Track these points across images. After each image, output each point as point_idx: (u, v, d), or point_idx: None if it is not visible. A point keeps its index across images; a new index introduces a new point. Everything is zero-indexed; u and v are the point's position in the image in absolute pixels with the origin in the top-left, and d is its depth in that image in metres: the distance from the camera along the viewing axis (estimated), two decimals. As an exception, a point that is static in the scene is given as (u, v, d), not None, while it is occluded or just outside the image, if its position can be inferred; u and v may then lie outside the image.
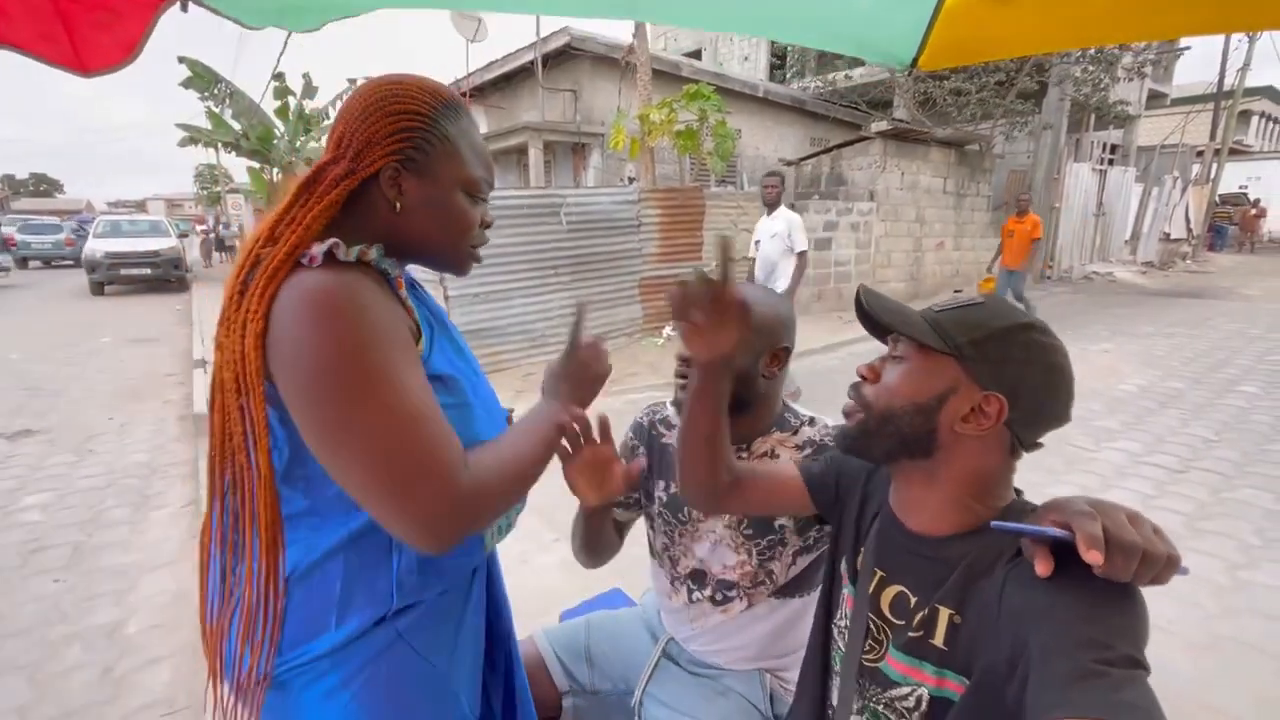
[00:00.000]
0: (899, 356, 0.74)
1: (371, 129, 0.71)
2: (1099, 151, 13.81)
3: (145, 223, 13.82)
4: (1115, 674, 0.51)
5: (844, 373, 5.85)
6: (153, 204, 47.25)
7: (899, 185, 9.20)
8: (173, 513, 3.24)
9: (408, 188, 0.73)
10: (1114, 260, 14.14)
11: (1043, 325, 0.70)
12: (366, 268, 0.70)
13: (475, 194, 0.78)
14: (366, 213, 0.73)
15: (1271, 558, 2.68)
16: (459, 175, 0.75)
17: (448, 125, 0.74)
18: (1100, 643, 0.53)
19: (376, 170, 0.71)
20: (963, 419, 0.69)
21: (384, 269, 0.73)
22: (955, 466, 0.71)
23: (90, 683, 2.05)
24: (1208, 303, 9.83)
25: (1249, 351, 6.44)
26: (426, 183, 0.74)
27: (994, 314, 0.70)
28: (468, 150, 0.76)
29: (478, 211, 0.79)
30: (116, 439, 4.31)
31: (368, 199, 0.72)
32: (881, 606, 0.76)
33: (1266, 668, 2.04)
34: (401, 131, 0.71)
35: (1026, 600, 0.60)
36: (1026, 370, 0.68)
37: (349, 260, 0.67)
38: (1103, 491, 3.27)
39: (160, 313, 9.75)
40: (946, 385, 0.69)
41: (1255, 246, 19.66)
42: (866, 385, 0.76)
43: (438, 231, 0.76)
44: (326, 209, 0.69)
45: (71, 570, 2.70)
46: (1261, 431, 4.17)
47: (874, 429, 0.74)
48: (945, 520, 0.72)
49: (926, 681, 0.70)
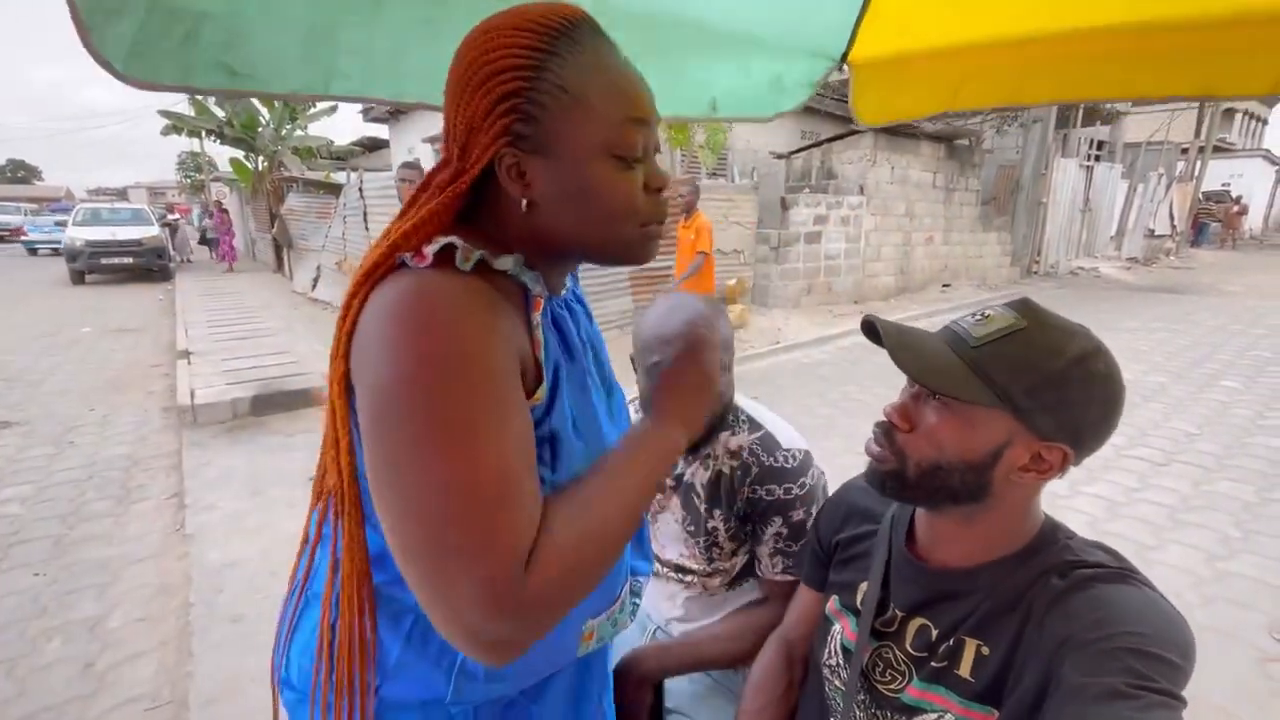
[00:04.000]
0: (938, 402, 0.65)
1: (471, 109, 0.54)
2: (1086, 148, 13.91)
3: (127, 211, 13.55)
4: (1147, 698, 0.49)
5: (833, 365, 5.88)
6: (134, 192, 46.51)
7: (889, 179, 9.23)
8: (156, 505, 3.20)
9: (533, 175, 0.55)
10: (1099, 256, 14.29)
11: (1094, 346, 0.63)
12: (498, 278, 0.57)
13: (627, 154, 0.56)
14: (499, 217, 0.59)
15: (1249, 549, 2.73)
16: (595, 136, 0.55)
17: (564, 67, 0.53)
18: (1140, 674, 0.51)
19: (489, 164, 0.55)
20: (1021, 469, 0.63)
21: (523, 281, 0.59)
22: (1002, 508, 0.67)
23: (71, 677, 2.02)
24: (1190, 298, 9.96)
25: (1230, 347, 6.53)
26: (553, 161, 0.55)
27: (1044, 348, 0.62)
28: (602, 94, 0.55)
29: (636, 176, 0.58)
30: (97, 430, 4.24)
31: (495, 200, 0.58)
32: (905, 643, 0.73)
33: (1244, 656, 2.08)
34: (502, 101, 0.53)
35: (1071, 630, 0.57)
36: (1089, 411, 0.61)
37: (466, 267, 0.54)
38: (1088, 484, 3.32)
39: (143, 302, 9.59)
40: (1001, 440, 0.62)
41: (1237, 243, 19.98)
42: (899, 433, 0.68)
43: (585, 222, 0.57)
44: (430, 221, 0.55)
45: (52, 563, 2.66)
46: (1241, 425, 4.24)
47: (913, 481, 0.67)
48: (977, 553, 0.69)
49: (952, 709, 0.67)
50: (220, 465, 3.63)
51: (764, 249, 8.15)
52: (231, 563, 2.62)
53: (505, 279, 0.58)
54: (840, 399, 4.88)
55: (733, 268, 7.89)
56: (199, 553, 2.71)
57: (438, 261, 0.54)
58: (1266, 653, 2.10)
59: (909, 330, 0.69)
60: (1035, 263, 12.29)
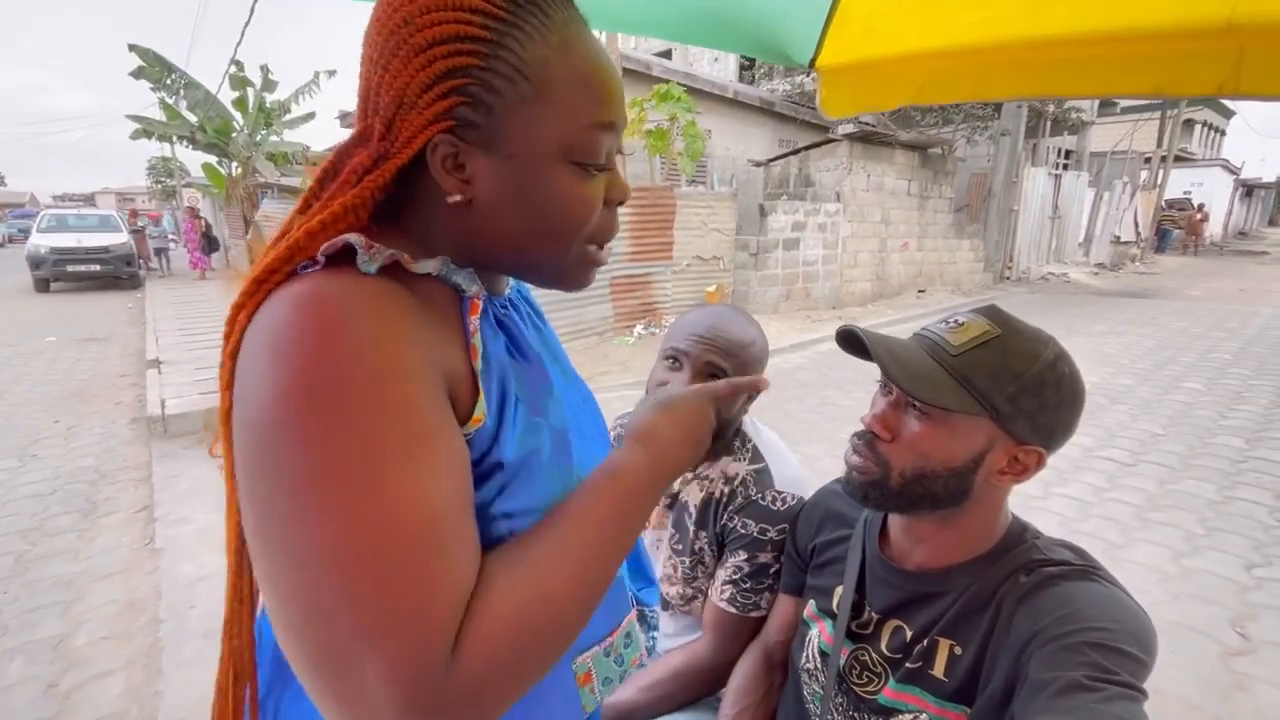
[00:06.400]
0: (921, 411, 0.66)
1: (402, 78, 0.43)
2: (1054, 157, 14.32)
3: (94, 217, 13.21)
4: (1109, 690, 0.50)
5: (812, 370, 5.93)
6: (102, 198, 45.33)
7: (865, 187, 9.38)
8: (124, 519, 3.11)
9: (474, 171, 0.45)
10: (1069, 262, 14.67)
11: (1059, 350, 0.66)
12: (419, 282, 0.46)
13: (592, 161, 0.47)
14: (421, 211, 0.48)
15: (1213, 545, 2.81)
16: (556, 136, 0.45)
17: (526, 46, 0.43)
18: (1103, 667, 0.53)
19: (419, 150, 0.44)
20: (999, 472, 0.65)
21: (455, 283, 0.48)
22: (978, 510, 0.69)
23: (34, 699, 1.95)
24: (1155, 302, 10.27)
25: (1193, 349, 6.74)
26: (501, 160, 0.45)
27: (1019, 355, 0.64)
28: (570, 87, 0.45)
29: (598, 187, 0.49)
30: (63, 442, 4.11)
31: (419, 190, 0.47)
32: (880, 644, 0.74)
33: (1210, 650, 2.14)
34: (446, 78, 0.42)
35: (1037, 626, 0.59)
36: (1060, 413, 0.65)
37: (370, 269, 0.43)
38: (1059, 485, 3.39)
39: (110, 311, 9.34)
40: (983, 445, 0.64)
41: (1198, 249, 20.63)
42: (881, 443, 0.68)
43: (529, 234, 0.48)
44: (344, 216, 0.45)
45: (13, 581, 2.56)
46: (1205, 425, 4.37)
47: (896, 489, 0.68)
48: (950, 554, 0.71)
49: (927, 709, 0.69)
50: (192, 477, 3.54)
51: (743, 255, 8.21)
52: (205, 576, 2.55)
53: (429, 282, 0.47)
54: (819, 404, 4.92)
55: (712, 274, 7.94)
56: (170, 567, 2.63)
57: (333, 263, 0.43)
58: (1230, 646, 2.16)
59: (889, 339, 0.70)
60: (1008, 268, 12.57)
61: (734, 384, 0.62)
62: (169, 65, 11.11)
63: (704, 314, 1.00)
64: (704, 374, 0.94)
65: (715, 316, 0.99)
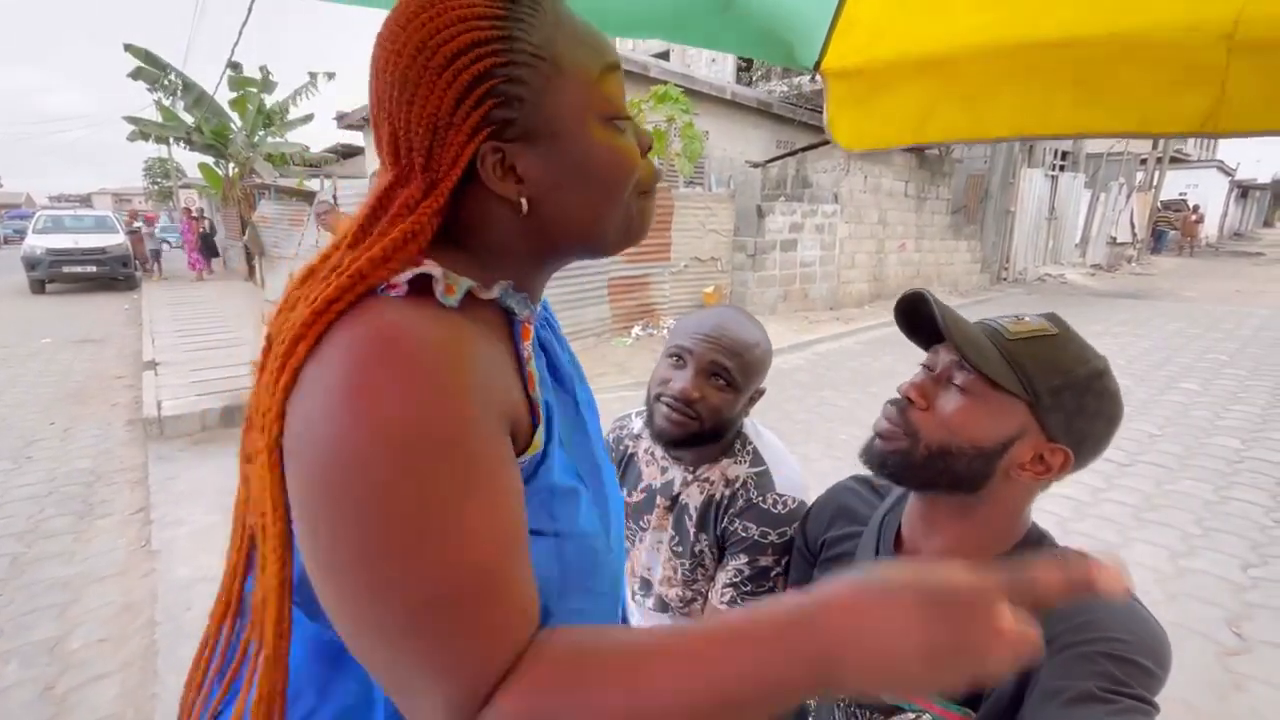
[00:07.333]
0: (961, 387, 0.66)
1: (432, 103, 0.43)
2: (1051, 158, 14.36)
3: (90, 218, 13.17)
4: (1122, 703, 0.50)
5: (809, 371, 5.94)
6: (99, 198, 45.25)
7: (862, 188, 9.40)
8: (120, 520, 3.10)
9: (526, 167, 0.46)
10: (1065, 263, 14.71)
11: (1108, 365, 0.67)
12: (481, 308, 0.47)
13: (616, 112, 0.49)
14: (485, 230, 0.48)
15: (1210, 546, 2.82)
16: (582, 100, 0.47)
17: (532, 29, 0.45)
18: (1116, 679, 0.52)
19: (468, 166, 0.45)
20: (1021, 466, 0.65)
21: (508, 306, 0.49)
22: (996, 504, 0.68)
23: (29, 702, 1.94)
24: (1150, 303, 10.30)
25: (1189, 350, 6.76)
26: (546, 144, 0.46)
27: (1071, 355, 0.65)
28: (575, 49, 0.47)
29: (630, 136, 0.50)
30: (58, 444, 4.09)
31: (477, 210, 0.47)
32: None
33: (1207, 650, 2.15)
34: (475, 85, 0.43)
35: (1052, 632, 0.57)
36: (1096, 423, 0.65)
37: (451, 303, 0.44)
38: (1056, 484, 3.39)
39: (107, 312, 9.31)
40: (1014, 431, 0.64)
41: (1194, 250, 20.70)
42: (915, 411, 0.68)
43: (593, 204, 0.49)
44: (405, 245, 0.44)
45: (8, 583, 2.55)
46: (1201, 426, 4.39)
47: (920, 461, 0.67)
48: (965, 551, 0.70)
49: (930, 709, 0.68)
50: (189, 478, 3.53)
51: (741, 256, 8.23)
52: (202, 577, 2.54)
53: (487, 307, 0.48)
54: (817, 404, 4.93)
55: (710, 275, 7.96)
56: (166, 569, 2.63)
57: (412, 293, 0.43)
58: (1227, 646, 2.17)
59: (953, 310, 0.70)
60: (1004, 269, 12.61)
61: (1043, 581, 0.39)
62: (166, 66, 11.10)
63: (709, 314, 1.00)
64: (707, 372, 0.94)
65: (721, 317, 0.99)
